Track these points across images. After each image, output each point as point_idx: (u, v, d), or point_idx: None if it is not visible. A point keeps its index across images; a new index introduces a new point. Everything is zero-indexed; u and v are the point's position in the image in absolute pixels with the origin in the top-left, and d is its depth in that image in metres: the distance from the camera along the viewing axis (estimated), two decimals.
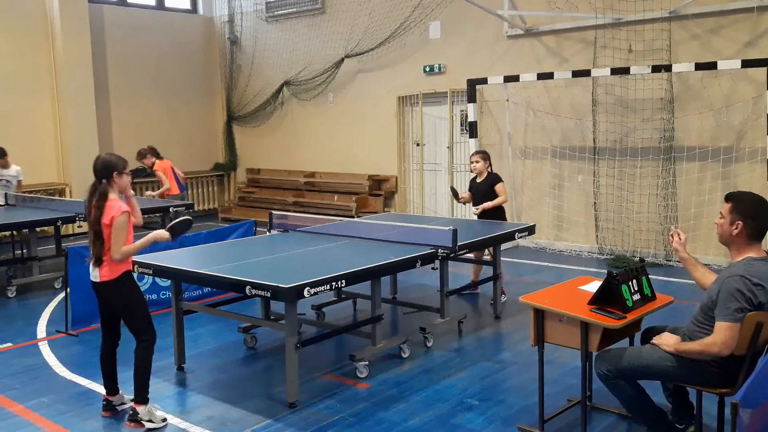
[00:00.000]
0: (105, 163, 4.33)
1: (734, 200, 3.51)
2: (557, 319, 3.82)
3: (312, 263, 5.13)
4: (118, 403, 4.58)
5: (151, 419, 4.33)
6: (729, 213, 3.49)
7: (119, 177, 4.35)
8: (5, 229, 8.36)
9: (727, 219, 3.48)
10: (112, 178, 4.32)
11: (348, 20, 11.95)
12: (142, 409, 4.34)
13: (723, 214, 3.51)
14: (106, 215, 4.19)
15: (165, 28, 13.47)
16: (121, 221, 4.19)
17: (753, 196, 3.58)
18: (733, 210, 3.47)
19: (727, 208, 3.50)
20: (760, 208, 3.48)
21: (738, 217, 3.44)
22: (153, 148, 9.86)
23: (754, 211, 3.46)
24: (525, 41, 10.04)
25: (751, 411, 2.57)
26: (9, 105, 11.23)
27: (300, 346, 4.66)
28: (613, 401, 4.02)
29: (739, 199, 3.51)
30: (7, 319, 6.94)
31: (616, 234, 9.24)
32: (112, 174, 4.31)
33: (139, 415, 4.33)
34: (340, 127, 12.55)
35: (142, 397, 4.36)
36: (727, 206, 3.51)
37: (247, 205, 13.74)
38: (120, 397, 4.60)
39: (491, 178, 7.20)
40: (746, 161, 8.31)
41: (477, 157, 7.28)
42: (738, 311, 3.29)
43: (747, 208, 3.46)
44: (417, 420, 4.38)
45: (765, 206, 3.50)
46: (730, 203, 3.51)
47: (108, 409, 4.55)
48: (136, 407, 4.35)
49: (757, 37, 8.14)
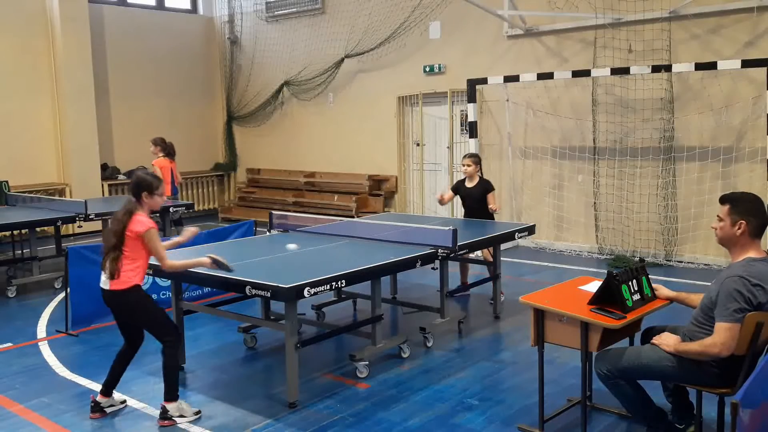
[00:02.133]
0: (137, 182, 4.35)
1: (731, 201, 3.51)
2: (557, 319, 3.82)
3: (312, 263, 5.13)
4: (107, 405, 4.53)
5: (182, 414, 4.37)
6: (728, 215, 3.48)
7: (149, 197, 4.35)
8: (5, 229, 8.36)
9: (728, 221, 3.48)
10: (142, 198, 4.33)
11: (348, 20, 11.95)
12: (172, 407, 4.36)
13: (721, 217, 3.51)
14: (131, 228, 4.21)
15: (165, 28, 13.47)
16: (151, 236, 4.22)
17: (748, 195, 3.59)
18: (732, 211, 3.48)
19: (726, 210, 3.50)
20: (758, 206, 3.51)
21: (739, 217, 3.45)
22: (165, 143, 9.69)
23: (753, 209, 3.47)
24: (525, 41, 10.04)
25: (751, 411, 2.58)
26: (9, 105, 11.23)
27: (300, 346, 4.66)
28: (613, 401, 4.02)
29: (736, 199, 3.52)
30: (7, 319, 6.94)
31: (616, 234, 9.24)
32: (141, 193, 4.33)
33: (169, 412, 4.36)
34: (340, 127, 12.55)
35: (172, 395, 4.38)
36: (725, 208, 3.50)
37: (247, 205, 13.74)
38: (110, 400, 4.56)
39: (484, 184, 7.18)
40: (746, 161, 8.31)
41: (469, 160, 7.23)
42: (737, 312, 3.29)
43: (746, 207, 3.47)
44: (417, 420, 4.38)
45: (761, 203, 3.54)
46: (727, 205, 3.50)
47: (96, 411, 4.49)
48: (165, 405, 4.36)
49: (757, 37, 8.14)
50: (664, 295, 4.01)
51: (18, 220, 7.95)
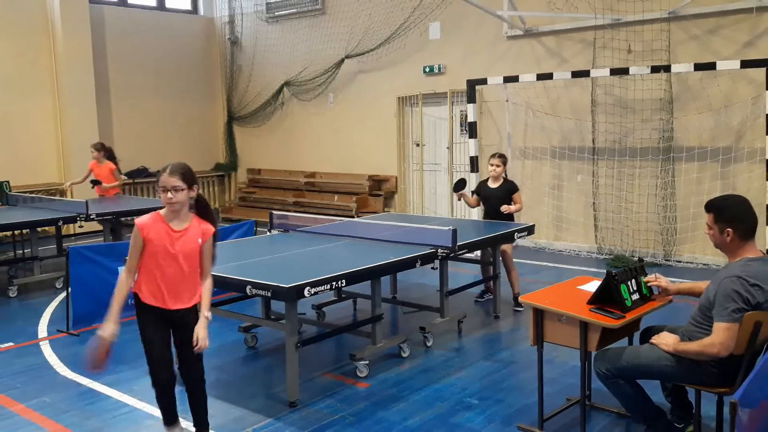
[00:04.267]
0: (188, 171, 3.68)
1: (714, 210, 3.50)
2: (556, 318, 3.84)
3: (312, 263, 5.14)
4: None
5: None
6: (714, 223, 3.49)
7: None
8: (5, 229, 8.36)
9: (715, 229, 3.49)
10: None
11: (348, 21, 11.97)
12: None
13: (709, 225, 3.52)
14: None
15: (165, 28, 13.48)
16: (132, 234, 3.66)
17: (731, 199, 3.58)
18: (717, 220, 3.48)
19: (710, 219, 3.50)
20: (742, 209, 3.48)
21: (725, 225, 3.45)
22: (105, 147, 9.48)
23: (737, 214, 3.46)
24: (524, 42, 10.05)
25: (750, 410, 2.58)
26: (9, 105, 11.25)
27: (300, 345, 4.67)
28: (612, 400, 4.04)
29: (718, 207, 3.50)
30: (8, 318, 6.95)
31: (615, 234, 9.25)
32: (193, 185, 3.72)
33: None
34: (340, 127, 12.57)
35: None
36: (710, 217, 3.50)
37: (247, 205, 13.76)
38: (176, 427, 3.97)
39: (508, 185, 7.02)
40: (745, 161, 8.32)
41: (498, 161, 6.98)
42: (736, 312, 3.30)
43: (730, 214, 3.46)
44: (417, 419, 4.39)
45: (746, 205, 3.50)
46: (711, 214, 3.50)
47: None
48: None
49: (756, 38, 8.16)
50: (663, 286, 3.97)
51: (19, 220, 7.96)
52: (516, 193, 7.01)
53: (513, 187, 7.04)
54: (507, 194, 6.97)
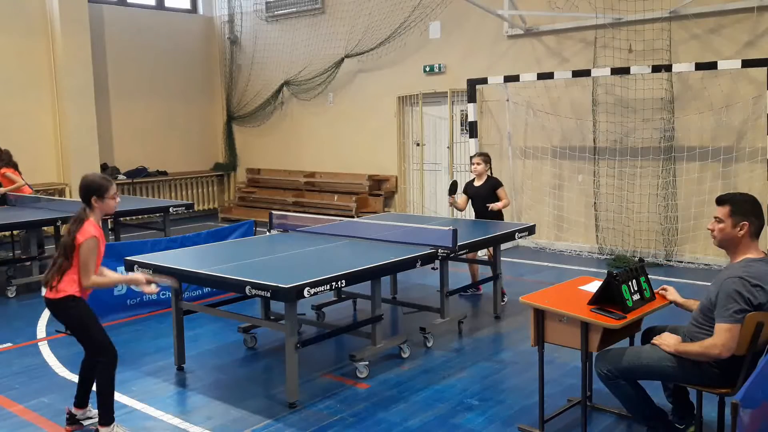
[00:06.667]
0: (85, 186, 4.04)
1: (732, 203, 3.49)
2: (557, 319, 3.82)
3: (312, 263, 5.12)
4: (83, 417, 4.32)
5: None
6: (729, 216, 3.46)
7: (100, 202, 4.03)
8: (5, 229, 8.35)
9: (729, 222, 3.46)
10: (92, 203, 4.03)
11: (348, 20, 11.95)
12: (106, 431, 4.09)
13: (721, 218, 3.48)
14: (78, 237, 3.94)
15: (165, 28, 13.47)
16: (87, 246, 3.91)
17: (746, 195, 3.59)
18: (733, 212, 3.46)
19: (726, 211, 3.47)
20: (757, 206, 3.51)
21: (741, 218, 3.44)
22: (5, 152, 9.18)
23: (754, 209, 3.48)
24: (525, 41, 10.04)
25: (752, 411, 2.58)
26: (9, 105, 11.23)
27: (300, 346, 4.65)
28: (613, 401, 4.02)
29: (737, 200, 3.50)
30: (7, 319, 6.94)
31: (616, 234, 9.24)
32: (90, 198, 4.03)
33: None
34: (340, 127, 12.55)
35: (106, 419, 4.10)
36: (725, 210, 3.47)
37: (247, 205, 13.74)
38: (86, 411, 4.32)
39: (492, 182, 7.13)
40: (746, 161, 8.31)
41: (479, 159, 7.16)
42: (737, 313, 3.29)
43: (747, 208, 3.46)
44: (417, 420, 4.38)
45: (759, 204, 3.54)
46: (728, 206, 3.47)
47: (72, 423, 4.29)
48: (99, 429, 4.09)
49: (757, 37, 8.14)
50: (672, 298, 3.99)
51: (18, 221, 7.94)
52: (500, 188, 7.09)
53: (496, 183, 7.14)
54: (491, 191, 7.09)
